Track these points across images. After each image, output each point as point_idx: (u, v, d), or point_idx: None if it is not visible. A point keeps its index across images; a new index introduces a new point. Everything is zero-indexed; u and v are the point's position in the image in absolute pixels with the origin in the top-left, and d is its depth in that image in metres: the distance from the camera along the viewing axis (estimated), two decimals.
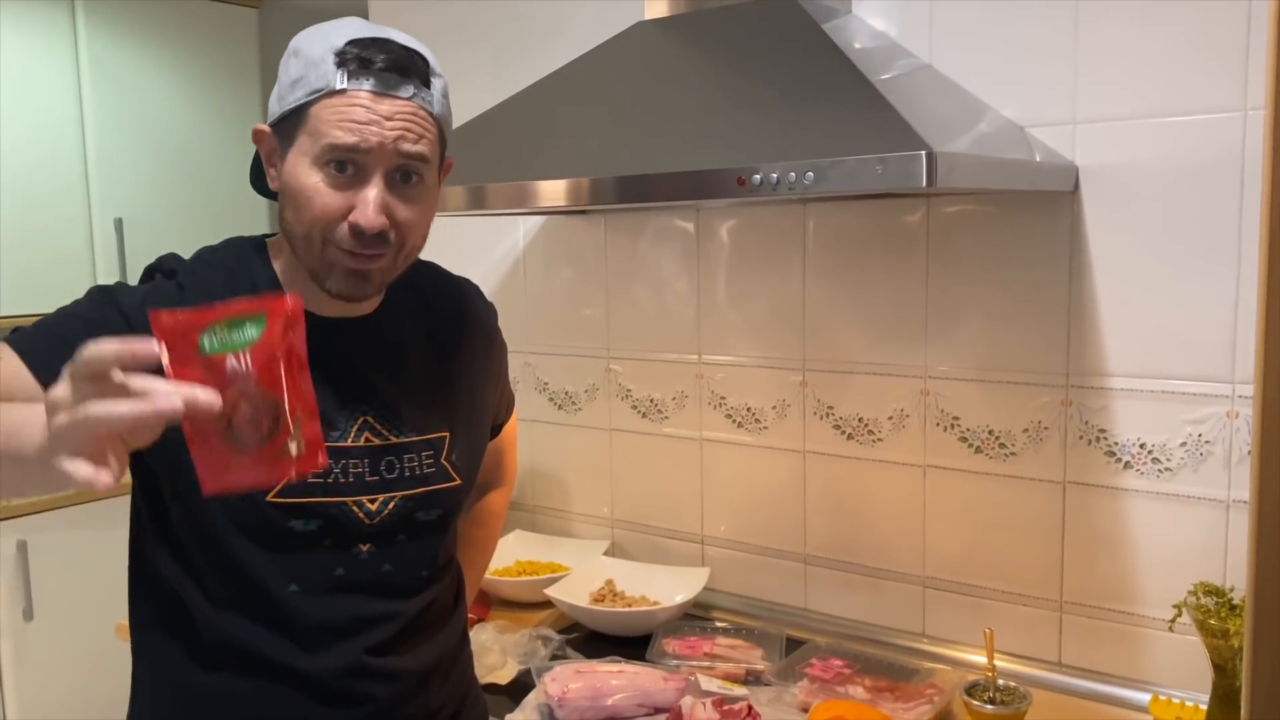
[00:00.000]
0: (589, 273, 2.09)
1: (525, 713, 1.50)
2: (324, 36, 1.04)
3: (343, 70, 1.01)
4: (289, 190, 1.04)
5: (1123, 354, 1.51)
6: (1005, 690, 1.37)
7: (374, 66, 1.01)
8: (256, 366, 0.77)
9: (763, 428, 1.89)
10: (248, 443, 0.78)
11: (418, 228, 1.08)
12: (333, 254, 1.04)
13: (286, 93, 1.04)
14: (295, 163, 1.03)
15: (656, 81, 1.60)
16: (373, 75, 1.01)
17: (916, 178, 1.13)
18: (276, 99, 1.06)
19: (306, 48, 1.04)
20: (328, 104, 1.01)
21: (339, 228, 1.02)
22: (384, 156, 1.01)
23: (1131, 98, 1.46)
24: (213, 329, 0.77)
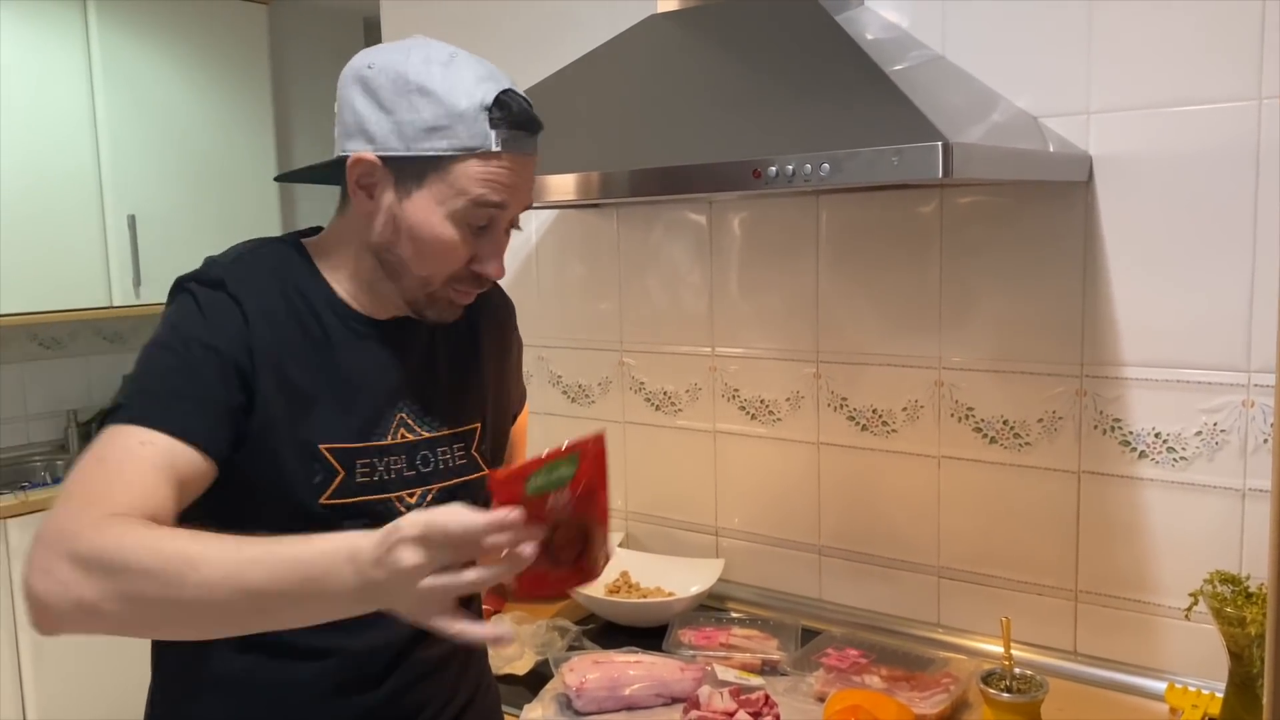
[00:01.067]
0: (602, 266, 2.10)
1: (543, 703, 1.51)
2: (462, 84, 1.03)
3: (496, 132, 1.03)
4: (414, 233, 1.06)
5: (1137, 343, 1.51)
6: (1022, 679, 1.38)
7: (523, 129, 1.05)
8: (573, 499, 0.92)
9: (776, 419, 1.89)
10: (563, 561, 0.93)
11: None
12: (444, 293, 1.10)
13: (419, 137, 1.03)
14: (426, 209, 1.05)
15: (669, 75, 1.61)
16: (521, 142, 1.05)
17: (933, 169, 1.14)
18: (395, 135, 1.03)
19: (445, 93, 1.02)
20: (478, 163, 1.04)
21: (462, 274, 1.09)
22: (511, 214, 1.09)
23: (1145, 87, 1.46)
24: (536, 474, 0.90)
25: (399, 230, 1.07)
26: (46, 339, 3.47)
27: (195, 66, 3.44)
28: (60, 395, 3.50)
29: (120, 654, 2.91)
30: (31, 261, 3.07)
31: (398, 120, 1.04)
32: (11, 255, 3.02)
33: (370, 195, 1.07)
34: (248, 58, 3.57)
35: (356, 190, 1.08)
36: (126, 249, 3.27)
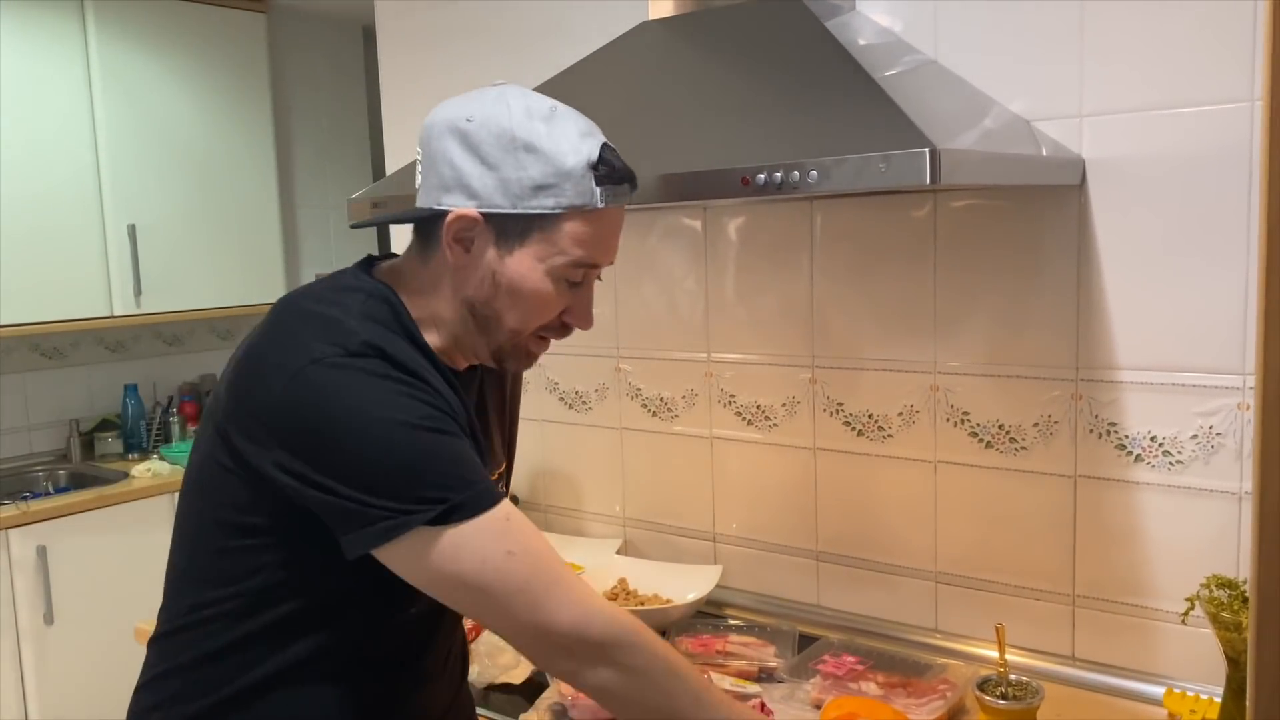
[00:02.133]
0: None
1: (539, 712, 1.51)
2: (566, 139, 1.03)
3: (601, 189, 1.04)
4: (512, 288, 1.06)
5: (1132, 347, 1.50)
6: (1018, 685, 1.37)
7: (622, 185, 1.07)
8: None
9: (773, 425, 1.89)
10: None
11: None
12: (527, 342, 1.11)
13: (526, 195, 1.02)
14: (528, 266, 1.05)
15: (660, 82, 1.61)
16: (621, 196, 1.07)
17: (920, 175, 1.13)
18: (501, 192, 1.02)
19: (553, 152, 1.02)
20: (583, 219, 1.05)
21: (551, 325, 1.10)
22: (599, 270, 1.11)
23: (1138, 89, 1.46)
24: None
25: (498, 286, 1.06)
26: (48, 349, 3.48)
27: (194, 76, 3.45)
28: (62, 405, 3.51)
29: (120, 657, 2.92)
30: (32, 272, 3.08)
31: (503, 178, 1.02)
32: (12, 266, 3.04)
33: (466, 250, 1.05)
34: (247, 66, 3.58)
35: (453, 244, 1.05)
36: (127, 258, 3.28)
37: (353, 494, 0.95)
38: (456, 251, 1.06)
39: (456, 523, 0.95)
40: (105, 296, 3.26)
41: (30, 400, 3.45)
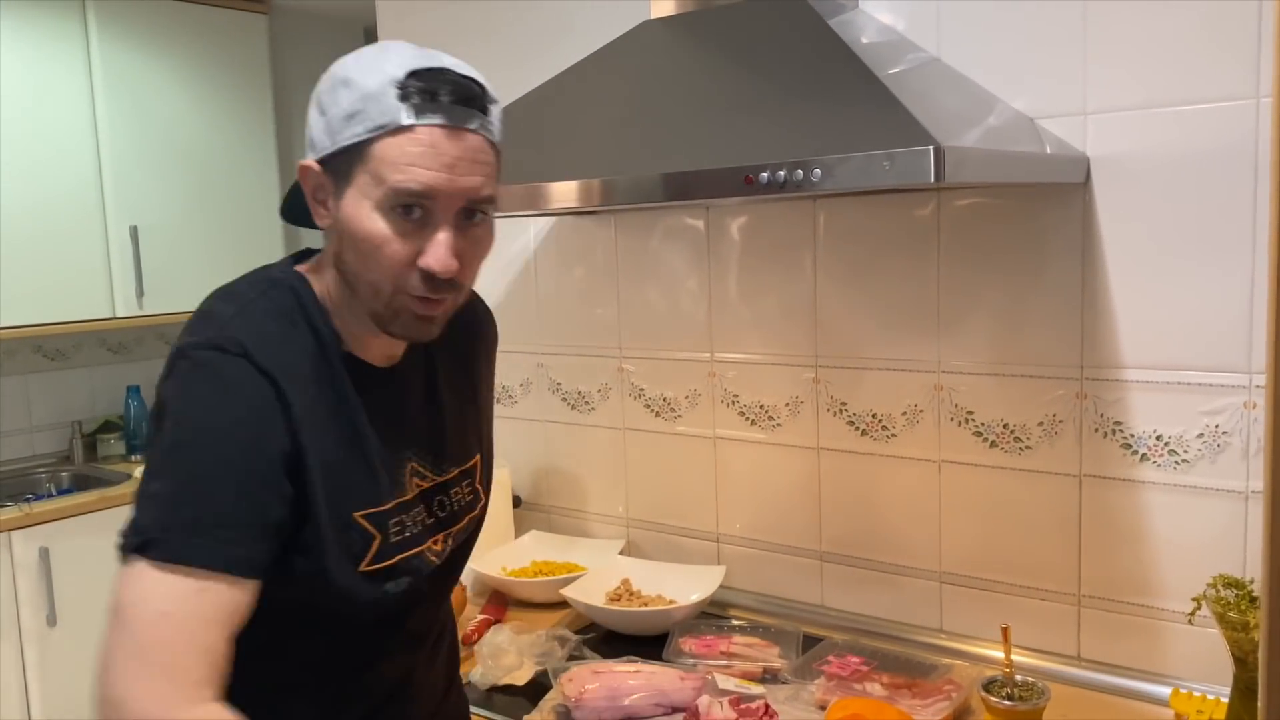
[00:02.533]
0: (600, 272, 2.09)
1: (542, 714, 1.50)
2: (378, 66, 0.96)
3: (407, 104, 0.94)
4: (351, 234, 0.98)
5: (1137, 346, 1.50)
6: (1023, 686, 1.36)
7: (440, 100, 0.95)
8: None
9: (776, 425, 1.88)
10: None
11: (479, 265, 1.04)
12: (401, 301, 0.99)
13: (340, 127, 0.96)
14: (356, 205, 0.97)
15: (663, 80, 1.60)
16: (440, 110, 0.95)
17: (924, 173, 1.13)
18: (325, 133, 0.98)
19: (359, 77, 0.96)
20: (392, 142, 0.94)
21: (410, 275, 0.98)
22: (453, 201, 0.97)
23: (1142, 87, 1.45)
24: None
25: (343, 236, 0.99)
26: (50, 350, 3.48)
27: (196, 76, 3.45)
28: (64, 406, 3.50)
29: None
30: (34, 273, 3.08)
31: (327, 119, 0.98)
32: (14, 267, 3.03)
33: (325, 207, 1.00)
34: (248, 67, 3.57)
35: (314, 205, 1.02)
36: (129, 260, 3.28)
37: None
38: (318, 211, 1.02)
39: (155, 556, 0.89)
40: (108, 297, 3.26)
41: (33, 402, 3.45)
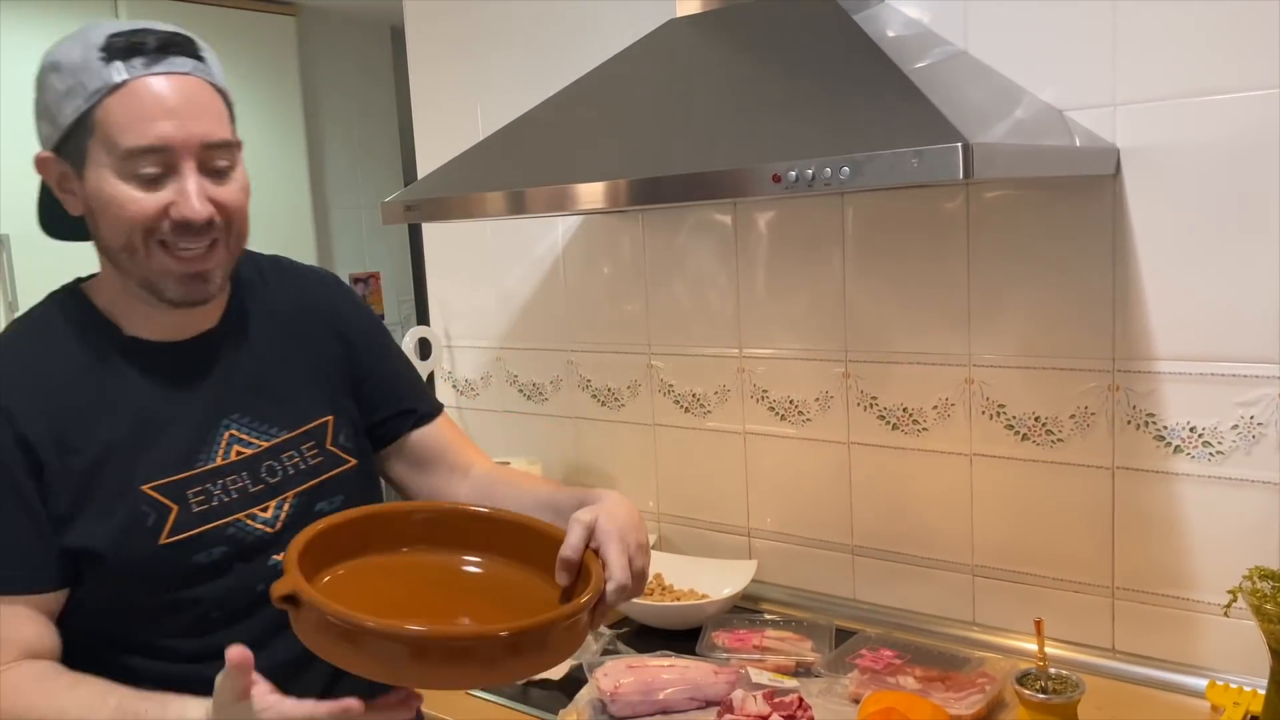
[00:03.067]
0: (628, 269, 2.11)
1: (578, 708, 1.52)
2: (78, 41, 1.00)
3: (115, 63, 0.96)
4: (98, 206, 1.00)
5: (1170, 337, 1.49)
6: (1057, 679, 1.36)
7: (145, 48, 0.97)
8: None
9: (806, 420, 1.89)
10: None
11: (242, 208, 1.05)
12: (160, 261, 1.01)
13: (60, 108, 0.99)
14: (98, 177, 0.98)
15: (689, 79, 1.61)
16: (145, 55, 0.97)
17: (953, 170, 1.13)
18: (50, 122, 1.01)
19: (64, 57, 0.99)
20: (111, 103, 0.96)
21: (161, 225, 0.99)
22: (190, 149, 0.98)
23: (1172, 77, 1.44)
24: None
25: (93, 212, 1.01)
26: None
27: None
28: None
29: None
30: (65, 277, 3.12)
31: (46, 108, 1.01)
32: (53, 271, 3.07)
33: (73, 194, 1.03)
34: (277, 70, 3.60)
35: (63, 197, 1.04)
36: None
37: None
38: (67, 200, 1.04)
39: None
40: None
41: None
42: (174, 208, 0.98)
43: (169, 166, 0.98)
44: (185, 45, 1.01)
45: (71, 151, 1.00)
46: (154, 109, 0.96)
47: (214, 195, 1.01)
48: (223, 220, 1.03)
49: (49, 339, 1.07)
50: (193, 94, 0.99)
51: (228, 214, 1.03)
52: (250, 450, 1.11)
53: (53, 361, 1.05)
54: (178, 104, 0.97)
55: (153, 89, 0.97)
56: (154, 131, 0.96)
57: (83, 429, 1.03)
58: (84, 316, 1.09)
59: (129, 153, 0.96)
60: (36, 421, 1.01)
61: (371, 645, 0.84)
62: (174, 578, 1.05)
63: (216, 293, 1.08)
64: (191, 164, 0.99)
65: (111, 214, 0.99)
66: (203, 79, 1.01)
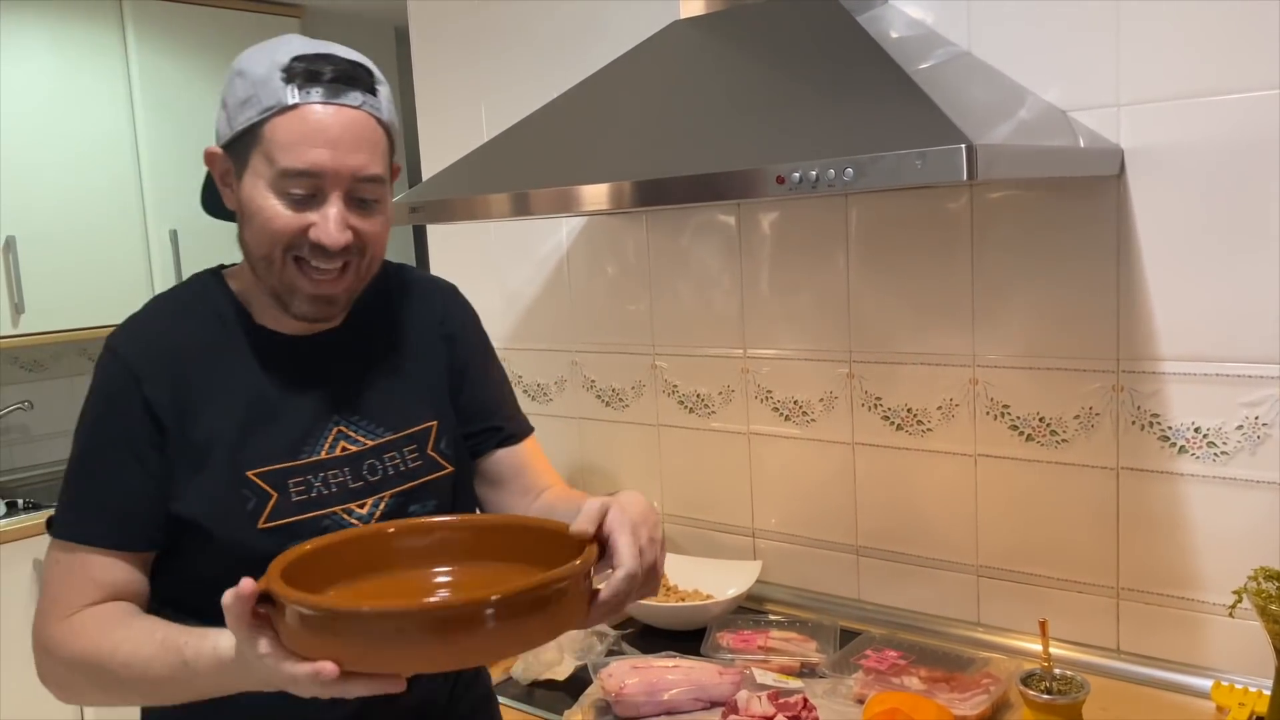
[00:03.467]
0: (632, 270, 2.11)
1: (583, 709, 1.53)
2: (268, 54, 1.05)
3: (291, 85, 1.02)
4: (248, 211, 1.06)
5: (1174, 337, 1.49)
6: (1062, 680, 1.36)
7: (323, 78, 1.02)
8: None
9: (810, 420, 1.89)
10: None
11: (380, 240, 1.10)
12: (292, 276, 1.06)
13: (236, 113, 1.05)
14: (252, 185, 1.04)
15: (693, 81, 1.61)
16: (321, 86, 1.02)
17: (957, 171, 1.13)
18: (225, 121, 1.07)
19: (250, 67, 1.05)
20: (279, 123, 1.02)
21: (300, 244, 1.04)
22: (340, 180, 1.03)
23: (1177, 77, 1.44)
24: None
25: (243, 215, 1.07)
26: (95, 354, 3.54)
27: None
28: None
29: None
30: (77, 278, 3.14)
31: (227, 108, 1.06)
32: (58, 272, 3.10)
33: (231, 190, 1.09)
34: None
35: (222, 189, 1.10)
36: (170, 263, 3.34)
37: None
38: (225, 194, 1.10)
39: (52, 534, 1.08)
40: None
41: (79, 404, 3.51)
42: (314, 229, 1.04)
43: (318, 191, 1.03)
44: (361, 79, 1.05)
45: (237, 154, 1.06)
46: (316, 137, 1.01)
47: (355, 225, 1.06)
48: (358, 250, 1.07)
49: (183, 314, 1.13)
50: (356, 128, 1.04)
51: (363, 243, 1.07)
52: (355, 448, 1.14)
53: (184, 335, 1.10)
54: (338, 136, 1.02)
55: (319, 117, 1.02)
56: (310, 157, 1.01)
57: (202, 404, 1.08)
58: (220, 298, 1.14)
59: (284, 172, 1.02)
60: (163, 388, 1.07)
61: (352, 630, 0.84)
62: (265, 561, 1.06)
63: (340, 315, 1.14)
64: (339, 193, 1.04)
65: (258, 223, 1.05)
66: (369, 114, 1.05)
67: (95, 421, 1.09)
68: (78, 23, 3.14)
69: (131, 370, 1.07)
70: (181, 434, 1.07)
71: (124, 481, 1.07)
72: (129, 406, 1.07)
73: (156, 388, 1.07)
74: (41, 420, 3.43)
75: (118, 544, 1.07)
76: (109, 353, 1.10)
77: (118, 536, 1.07)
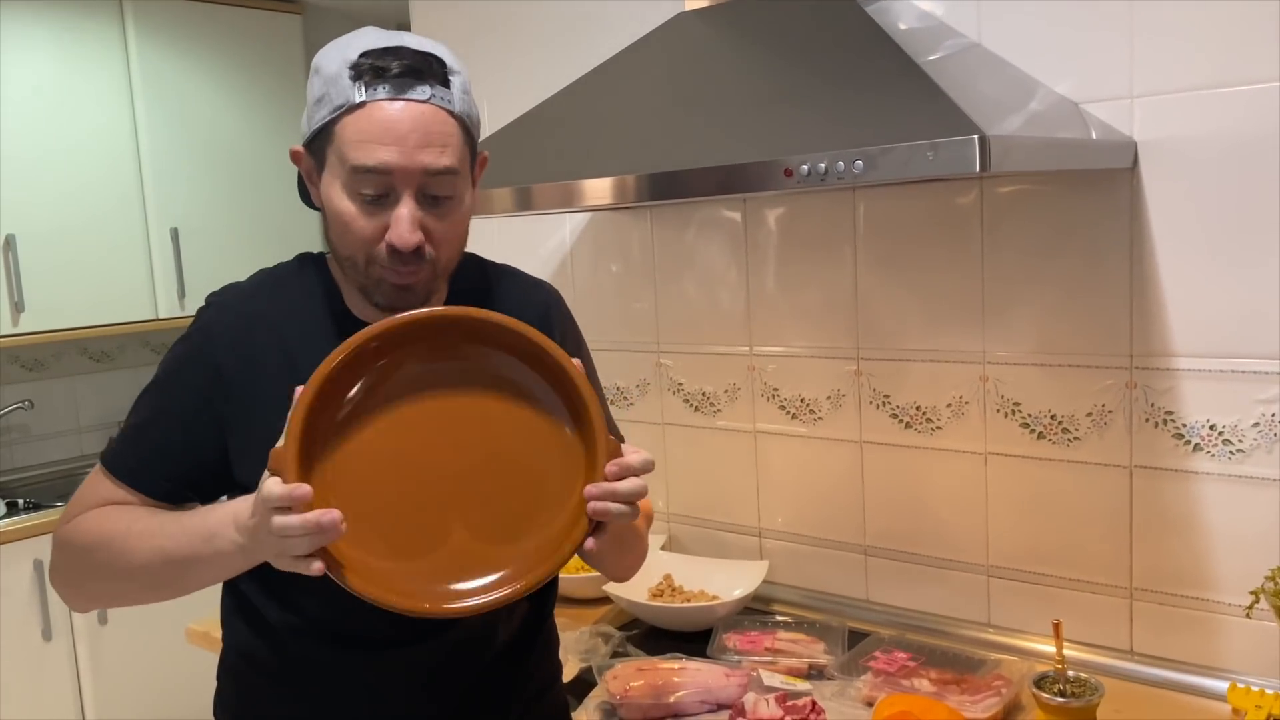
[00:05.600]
0: (636, 267, 2.09)
1: (588, 711, 1.50)
2: (340, 50, 1.05)
3: (359, 83, 1.01)
4: (328, 213, 1.07)
5: (1189, 333, 1.46)
6: (1076, 682, 1.34)
7: (389, 74, 1.01)
8: None
9: (818, 419, 1.87)
10: None
11: (454, 237, 1.09)
12: (376, 272, 1.06)
13: (313, 112, 1.06)
14: (330, 185, 1.05)
15: (699, 73, 1.59)
16: (388, 82, 1.01)
17: (969, 163, 1.11)
18: (306, 119, 1.07)
19: (325, 64, 1.05)
20: (348, 121, 1.01)
21: (377, 249, 1.04)
22: (410, 177, 1.02)
23: (1192, 68, 1.41)
24: None
25: (326, 214, 1.08)
26: (96, 352, 3.53)
27: (232, 78, 3.48)
28: (111, 407, 3.55)
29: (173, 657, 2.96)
30: (78, 276, 3.12)
31: (308, 105, 1.07)
32: (59, 271, 3.08)
33: (316, 188, 1.10)
34: (283, 67, 3.60)
35: (310, 187, 1.11)
36: (170, 262, 3.32)
37: None
38: (312, 192, 1.11)
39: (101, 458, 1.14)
40: (150, 299, 3.30)
41: (80, 403, 3.50)
42: (388, 234, 1.03)
43: (390, 190, 1.02)
44: (431, 70, 1.03)
45: (316, 152, 1.07)
46: (383, 134, 1.00)
47: (428, 225, 1.05)
48: (433, 250, 1.06)
49: (276, 288, 1.15)
50: (425, 123, 1.02)
51: (437, 243, 1.06)
52: None
53: (271, 307, 1.12)
54: (406, 132, 1.01)
55: (386, 114, 1.01)
56: (377, 155, 1.00)
57: (273, 376, 1.08)
58: (315, 279, 1.15)
59: (354, 170, 1.01)
60: (235, 355, 1.09)
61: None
62: None
63: (418, 305, 1.11)
64: (410, 191, 1.03)
65: (338, 226, 1.06)
66: (439, 106, 1.03)
67: (165, 370, 1.13)
68: (78, 19, 3.12)
69: (209, 332, 1.11)
70: (247, 401, 1.09)
71: (163, 433, 1.11)
72: (196, 367, 1.10)
73: (229, 354, 1.09)
74: (42, 420, 3.41)
75: (135, 484, 1.10)
76: (200, 312, 1.14)
77: (137, 478, 1.10)
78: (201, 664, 1.23)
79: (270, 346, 1.10)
